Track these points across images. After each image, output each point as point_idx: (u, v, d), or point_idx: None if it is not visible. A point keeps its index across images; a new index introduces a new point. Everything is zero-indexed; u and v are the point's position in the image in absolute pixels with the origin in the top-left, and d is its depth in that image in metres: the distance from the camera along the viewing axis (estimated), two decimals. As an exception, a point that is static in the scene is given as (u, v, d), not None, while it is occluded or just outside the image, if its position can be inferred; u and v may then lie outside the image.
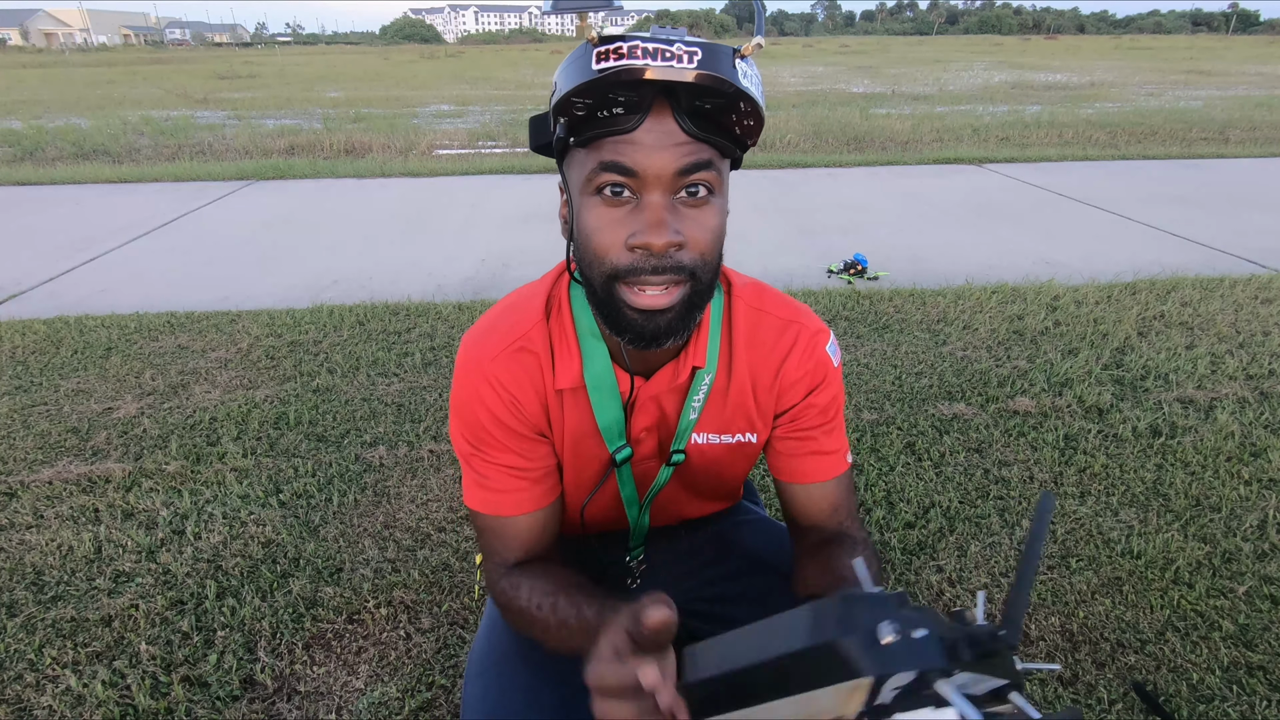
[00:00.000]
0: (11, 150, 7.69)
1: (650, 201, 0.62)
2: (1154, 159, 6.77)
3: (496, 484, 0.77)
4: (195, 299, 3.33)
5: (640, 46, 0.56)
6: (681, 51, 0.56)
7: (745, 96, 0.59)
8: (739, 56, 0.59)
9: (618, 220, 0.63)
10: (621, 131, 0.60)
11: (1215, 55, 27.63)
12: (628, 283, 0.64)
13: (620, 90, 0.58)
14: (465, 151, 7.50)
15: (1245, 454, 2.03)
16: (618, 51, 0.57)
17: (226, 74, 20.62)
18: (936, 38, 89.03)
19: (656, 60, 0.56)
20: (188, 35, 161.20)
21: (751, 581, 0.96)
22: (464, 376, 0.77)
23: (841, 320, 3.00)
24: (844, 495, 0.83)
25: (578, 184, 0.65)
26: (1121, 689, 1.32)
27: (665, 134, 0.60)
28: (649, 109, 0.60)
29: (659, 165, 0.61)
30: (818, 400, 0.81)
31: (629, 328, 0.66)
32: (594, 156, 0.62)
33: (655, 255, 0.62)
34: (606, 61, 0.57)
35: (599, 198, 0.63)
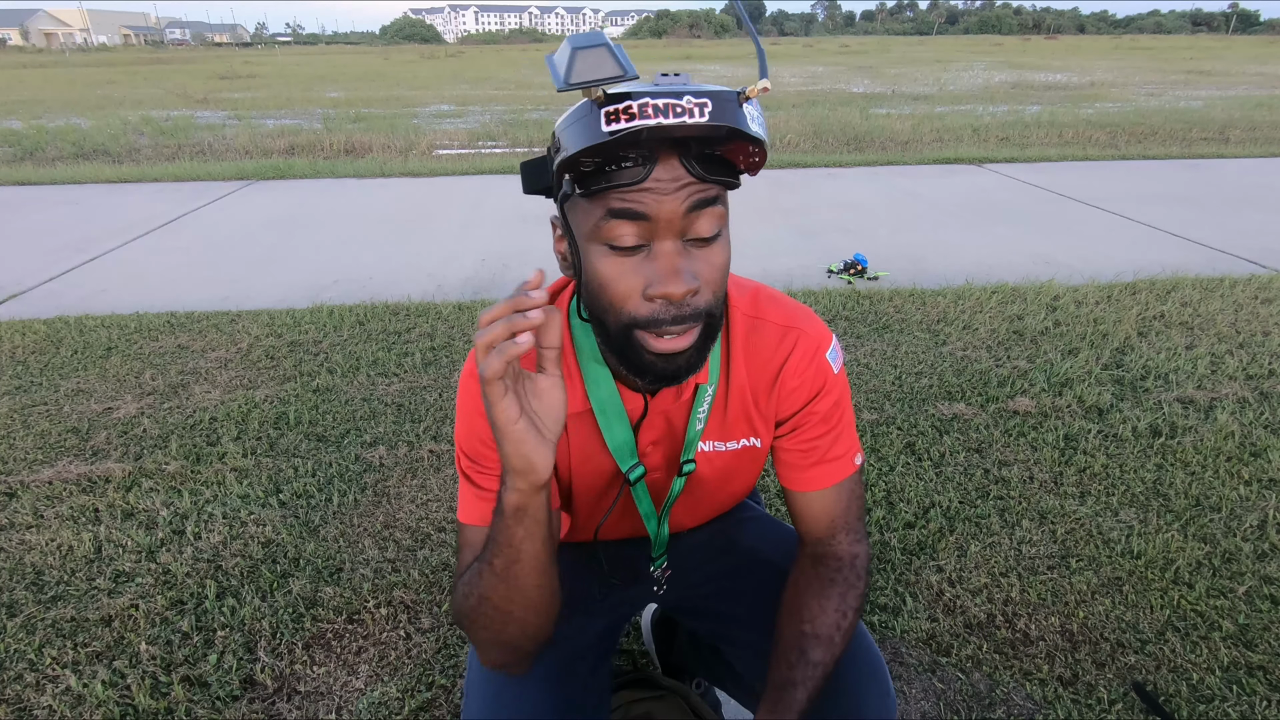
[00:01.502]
0: (11, 150, 7.69)
1: (663, 250, 0.61)
2: (1154, 159, 6.76)
3: (489, 489, 0.76)
4: (195, 299, 3.33)
5: (650, 104, 0.55)
6: (692, 105, 0.56)
7: (754, 140, 0.59)
8: (744, 99, 0.58)
9: (631, 269, 0.62)
10: (631, 184, 0.59)
11: (1215, 55, 27.63)
12: (647, 330, 0.64)
13: (631, 148, 0.58)
14: (465, 151, 7.50)
15: (1245, 454, 2.03)
16: (628, 111, 0.56)
17: (226, 74, 20.62)
18: (936, 38, 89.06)
19: (669, 117, 0.55)
20: (188, 35, 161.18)
21: (752, 578, 0.96)
22: (466, 392, 0.77)
23: (841, 320, 3.00)
24: (845, 503, 0.82)
25: (584, 231, 0.64)
26: (1121, 689, 1.32)
27: (673, 180, 0.60)
28: (657, 159, 0.59)
29: (669, 210, 0.60)
30: (819, 408, 0.81)
31: (648, 370, 0.66)
32: (601, 205, 0.61)
33: (674, 304, 0.62)
34: (618, 123, 0.56)
35: (609, 249, 0.62)
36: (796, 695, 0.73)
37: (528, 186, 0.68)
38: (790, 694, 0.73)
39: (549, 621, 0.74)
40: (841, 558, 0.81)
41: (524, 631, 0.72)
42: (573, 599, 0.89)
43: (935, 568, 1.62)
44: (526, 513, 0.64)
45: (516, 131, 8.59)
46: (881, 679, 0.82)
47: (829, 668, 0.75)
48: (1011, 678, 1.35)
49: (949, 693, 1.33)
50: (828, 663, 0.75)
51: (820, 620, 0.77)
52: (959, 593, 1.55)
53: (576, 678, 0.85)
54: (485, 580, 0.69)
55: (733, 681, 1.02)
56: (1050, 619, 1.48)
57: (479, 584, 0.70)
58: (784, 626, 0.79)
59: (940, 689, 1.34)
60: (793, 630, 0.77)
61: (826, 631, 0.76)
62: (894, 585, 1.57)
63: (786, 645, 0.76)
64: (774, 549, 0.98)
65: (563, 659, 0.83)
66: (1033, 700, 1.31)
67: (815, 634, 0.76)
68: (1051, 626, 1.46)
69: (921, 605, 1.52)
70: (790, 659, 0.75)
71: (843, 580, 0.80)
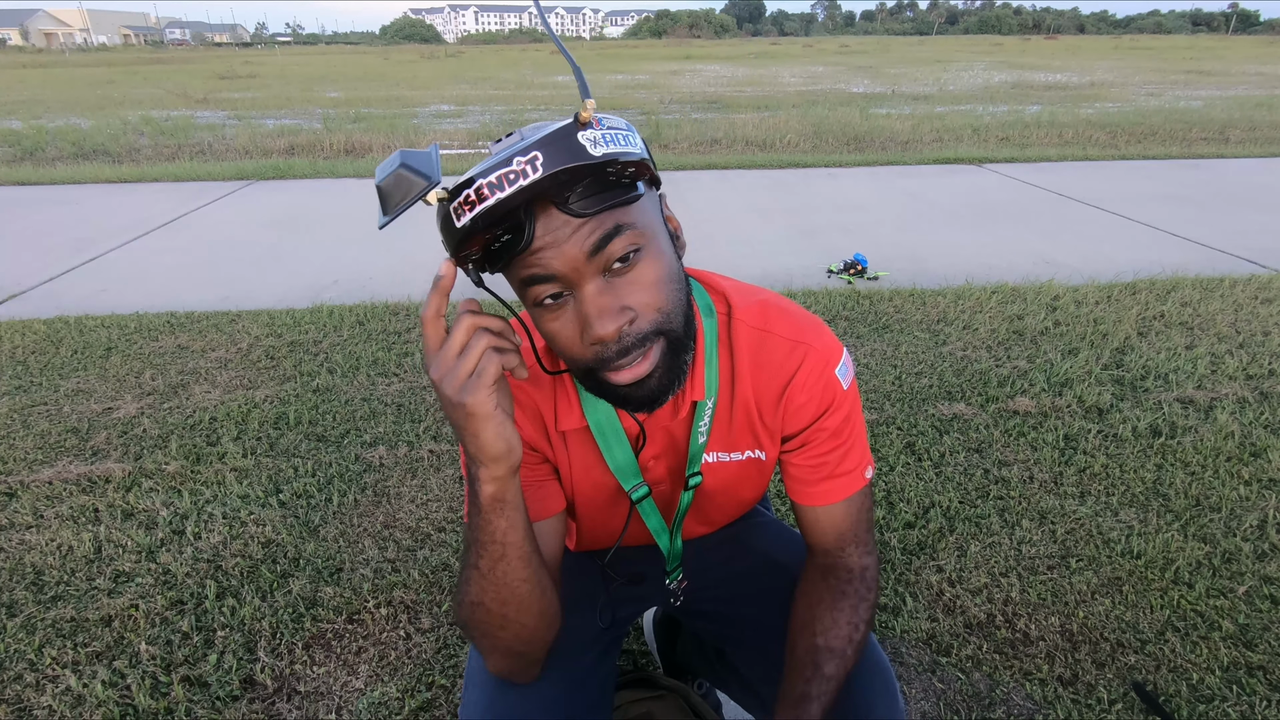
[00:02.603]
0: (11, 150, 7.69)
1: (584, 295, 0.60)
2: (1154, 159, 6.76)
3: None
4: (195, 299, 3.33)
5: (484, 184, 0.55)
6: (522, 165, 0.54)
7: (609, 162, 0.57)
8: (581, 127, 0.56)
9: (565, 321, 0.63)
10: (521, 251, 0.59)
11: (1215, 55, 27.62)
12: (602, 370, 0.64)
13: (494, 225, 0.57)
14: (465, 151, 7.50)
15: (1245, 454, 2.03)
16: (468, 200, 0.56)
17: (226, 74, 20.61)
18: (936, 38, 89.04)
19: (505, 189, 0.54)
20: (188, 35, 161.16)
21: (760, 580, 0.96)
22: None
23: (841, 320, 3.00)
24: (854, 517, 0.81)
25: (518, 298, 0.65)
26: (1121, 689, 1.32)
27: (560, 229, 0.58)
28: (532, 217, 0.58)
29: (570, 259, 0.59)
30: (828, 424, 0.79)
31: (625, 400, 0.67)
32: (514, 275, 0.62)
33: (613, 343, 0.62)
34: (466, 215, 0.56)
35: (540, 309, 0.63)
36: (812, 709, 0.73)
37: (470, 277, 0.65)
38: (806, 707, 0.73)
39: (546, 626, 0.74)
40: (852, 569, 0.81)
41: (520, 636, 0.72)
42: (576, 598, 0.89)
43: (935, 568, 1.62)
44: (506, 501, 0.64)
45: (516, 131, 8.58)
46: (889, 686, 0.82)
47: (842, 680, 0.75)
48: (1011, 678, 1.35)
49: (949, 693, 1.33)
50: (840, 676, 0.75)
51: (833, 633, 0.77)
52: (959, 593, 1.55)
53: (577, 677, 0.85)
54: (475, 584, 0.69)
55: (737, 684, 1.02)
56: (1050, 619, 1.48)
57: (469, 589, 0.70)
58: (796, 640, 0.78)
59: (940, 689, 1.34)
60: (806, 644, 0.77)
61: (839, 645, 0.76)
62: (894, 585, 1.57)
63: (800, 659, 0.76)
64: (784, 553, 0.98)
65: (563, 657, 0.83)
66: (1033, 700, 1.31)
67: (828, 647, 0.76)
68: (1051, 626, 1.46)
69: (921, 605, 1.52)
70: (805, 674, 0.75)
71: (853, 592, 0.79)
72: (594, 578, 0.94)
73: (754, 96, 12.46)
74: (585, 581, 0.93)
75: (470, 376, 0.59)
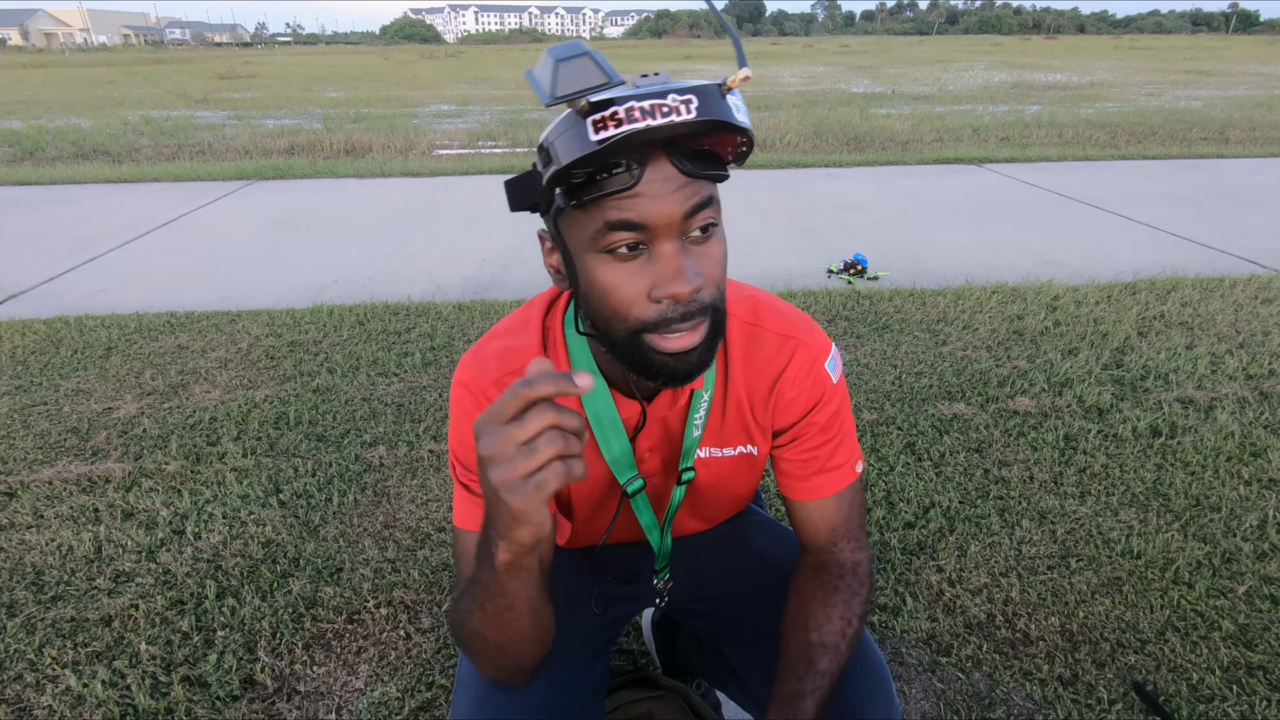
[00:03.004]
0: (11, 150, 7.69)
1: (665, 251, 0.61)
2: (1154, 159, 6.76)
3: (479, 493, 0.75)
4: (195, 299, 3.33)
5: (636, 107, 0.55)
6: (678, 103, 0.55)
7: (741, 130, 0.59)
8: (726, 91, 0.57)
9: (633, 274, 0.62)
10: (623, 191, 0.58)
11: (1215, 55, 27.62)
12: (656, 332, 0.63)
13: (620, 154, 0.57)
14: (465, 151, 7.50)
15: (1245, 454, 2.03)
16: (615, 117, 0.55)
17: (226, 74, 20.61)
18: (936, 38, 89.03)
19: (656, 118, 0.55)
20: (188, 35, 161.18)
21: (757, 580, 0.96)
22: (461, 397, 0.77)
23: (841, 320, 3.00)
24: (845, 511, 0.82)
25: (580, 243, 0.63)
26: (1121, 689, 1.32)
27: (666, 181, 0.59)
28: (646, 162, 0.58)
29: (667, 213, 0.59)
30: (818, 418, 0.80)
31: (661, 371, 0.65)
32: (597, 216, 0.60)
33: (681, 303, 0.62)
34: (605, 130, 0.55)
35: (608, 255, 0.62)
36: (806, 705, 0.73)
37: (514, 204, 0.66)
38: (800, 704, 0.73)
39: (542, 647, 0.74)
40: (844, 565, 0.81)
41: (519, 662, 0.73)
42: (568, 599, 0.89)
43: (935, 568, 1.62)
44: (521, 567, 0.61)
45: (516, 131, 8.59)
46: (884, 683, 0.82)
47: (836, 676, 0.75)
48: (1011, 678, 1.35)
49: (949, 693, 1.33)
50: (834, 671, 0.75)
51: (826, 629, 0.77)
52: (959, 593, 1.55)
53: (567, 678, 0.85)
54: (476, 620, 0.68)
55: (735, 684, 1.02)
56: (1050, 619, 1.48)
57: (470, 621, 0.68)
58: (790, 636, 0.79)
59: (940, 689, 1.34)
60: (799, 640, 0.77)
61: (833, 640, 0.76)
62: (894, 585, 1.57)
63: (794, 655, 0.76)
64: (778, 552, 0.98)
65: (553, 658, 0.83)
66: (1033, 700, 1.31)
67: (822, 643, 0.76)
68: (1051, 626, 1.46)
69: (921, 605, 1.52)
70: (799, 670, 0.75)
71: (846, 588, 0.80)
72: (586, 577, 0.94)
73: (754, 96, 12.46)
74: (577, 580, 0.93)
75: (526, 479, 0.52)
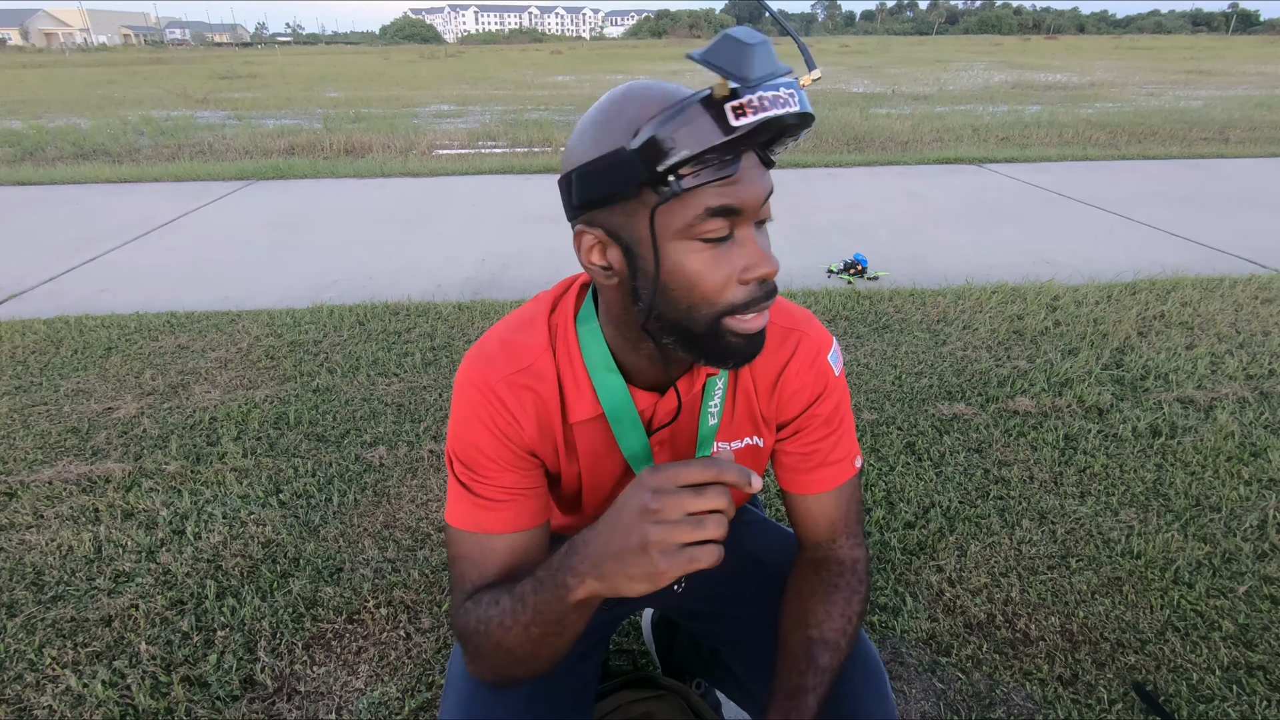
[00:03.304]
0: (11, 150, 7.69)
1: (749, 236, 0.63)
2: (1154, 159, 6.76)
3: (487, 497, 0.74)
4: (195, 299, 3.33)
5: (767, 97, 0.56)
6: (788, 94, 0.57)
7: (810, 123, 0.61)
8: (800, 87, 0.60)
9: (719, 259, 0.63)
10: (728, 178, 0.60)
11: (1215, 55, 27.62)
12: (739, 314, 0.65)
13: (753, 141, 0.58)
14: (465, 151, 7.50)
15: (1245, 454, 2.03)
16: (751, 105, 0.56)
17: (226, 74, 20.62)
18: (936, 38, 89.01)
19: (781, 109, 0.56)
20: (188, 35, 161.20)
21: (753, 582, 0.96)
22: (465, 395, 0.76)
23: (841, 320, 3.00)
24: (845, 506, 0.83)
25: (669, 232, 0.62)
26: (1121, 689, 1.32)
27: (754, 169, 0.61)
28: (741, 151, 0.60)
29: (756, 199, 0.62)
30: (820, 411, 0.81)
31: (734, 353, 0.67)
32: (694, 204, 0.60)
33: (766, 284, 0.65)
34: (744, 117, 0.56)
35: (700, 243, 0.62)
36: (808, 701, 0.73)
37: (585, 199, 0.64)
38: (802, 700, 0.73)
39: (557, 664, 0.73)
40: (843, 562, 0.82)
41: (532, 674, 0.72)
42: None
43: (935, 568, 1.62)
44: (591, 605, 0.63)
45: (516, 131, 8.59)
46: (880, 681, 0.82)
47: (836, 673, 0.75)
48: (1011, 678, 1.35)
49: (949, 693, 1.33)
50: (835, 668, 0.75)
51: (826, 625, 0.77)
52: (959, 593, 1.55)
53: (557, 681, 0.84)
54: (513, 636, 0.67)
55: (733, 684, 1.02)
56: (1050, 619, 1.48)
57: (505, 637, 0.67)
58: (789, 633, 0.79)
59: (940, 689, 1.34)
60: (799, 636, 0.77)
61: (833, 637, 0.76)
62: (894, 585, 1.57)
63: (794, 652, 0.76)
64: (775, 553, 0.98)
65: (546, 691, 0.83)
66: (1033, 700, 1.31)
67: (823, 639, 0.76)
68: (1051, 626, 1.46)
69: (921, 605, 1.52)
70: (800, 666, 0.75)
71: (845, 585, 0.80)
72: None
73: (754, 96, 12.43)
74: None
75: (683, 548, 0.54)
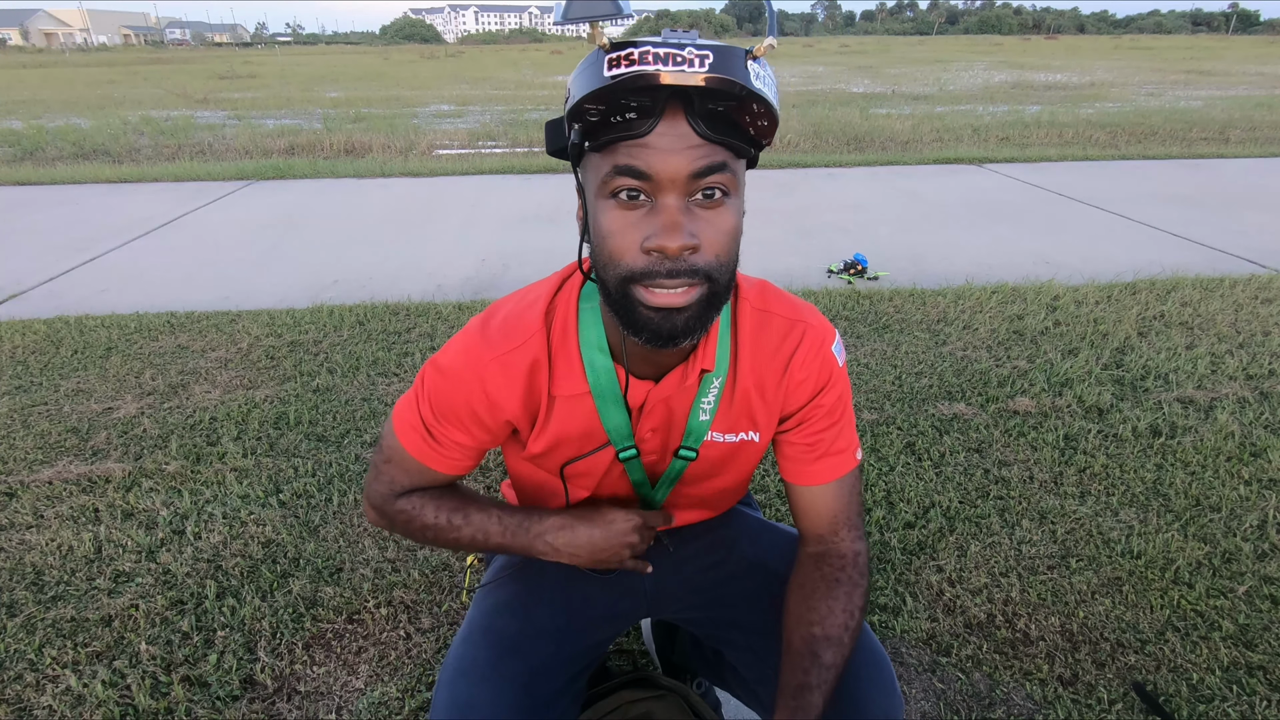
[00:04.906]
0: (11, 150, 7.69)
1: (664, 204, 0.62)
2: (1154, 159, 6.76)
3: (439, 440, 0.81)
4: (195, 299, 3.33)
5: (652, 52, 0.56)
6: (693, 55, 0.56)
7: (758, 98, 0.59)
8: (751, 58, 0.59)
9: (632, 223, 0.63)
10: (635, 136, 0.60)
11: (1215, 55, 27.61)
12: (643, 284, 0.64)
13: (633, 96, 0.58)
14: (465, 151, 7.50)
15: (1245, 454, 2.03)
16: (629, 58, 0.56)
17: (226, 74, 20.61)
18: (936, 38, 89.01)
19: (668, 65, 0.56)
20: (188, 35, 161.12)
21: (747, 583, 0.96)
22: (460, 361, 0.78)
23: (841, 320, 3.00)
24: (846, 498, 0.83)
25: (593, 187, 0.65)
26: (1121, 689, 1.32)
27: (678, 137, 0.60)
28: (662, 113, 0.59)
29: (673, 168, 0.60)
30: (825, 401, 0.82)
31: (645, 326, 0.66)
32: (608, 160, 0.62)
33: (670, 259, 0.62)
34: (619, 68, 0.57)
35: (613, 201, 0.63)
36: (813, 699, 0.73)
37: (550, 145, 0.69)
38: (807, 698, 0.73)
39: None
40: (845, 555, 0.82)
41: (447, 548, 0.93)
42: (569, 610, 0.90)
43: (935, 568, 1.62)
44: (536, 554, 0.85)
45: (516, 131, 8.59)
46: (887, 679, 0.82)
47: (841, 669, 0.75)
48: (1011, 678, 1.35)
49: (949, 693, 1.33)
50: (839, 664, 0.75)
51: (829, 621, 0.77)
52: (959, 593, 1.55)
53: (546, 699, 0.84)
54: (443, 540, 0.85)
55: (736, 682, 1.02)
56: (1050, 619, 1.48)
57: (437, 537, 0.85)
58: (792, 631, 0.79)
59: (940, 689, 1.34)
60: (802, 634, 0.77)
61: (836, 633, 0.76)
62: (894, 585, 1.57)
63: (798, 650, 0.76)
64: (771, 553, 0.98)
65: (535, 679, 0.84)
66: (1033, 700, 1.31)
67: (826, 636, 0.76)
68: (1051, 626, 1.46)
69: (921, 605, 1.52)
70: (804, 664, 0.75)
71: (847, 580, 0.80)
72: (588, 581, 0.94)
73: (754, 96, 12.43)
74: (579, 594, 0.93)
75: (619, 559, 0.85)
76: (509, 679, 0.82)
